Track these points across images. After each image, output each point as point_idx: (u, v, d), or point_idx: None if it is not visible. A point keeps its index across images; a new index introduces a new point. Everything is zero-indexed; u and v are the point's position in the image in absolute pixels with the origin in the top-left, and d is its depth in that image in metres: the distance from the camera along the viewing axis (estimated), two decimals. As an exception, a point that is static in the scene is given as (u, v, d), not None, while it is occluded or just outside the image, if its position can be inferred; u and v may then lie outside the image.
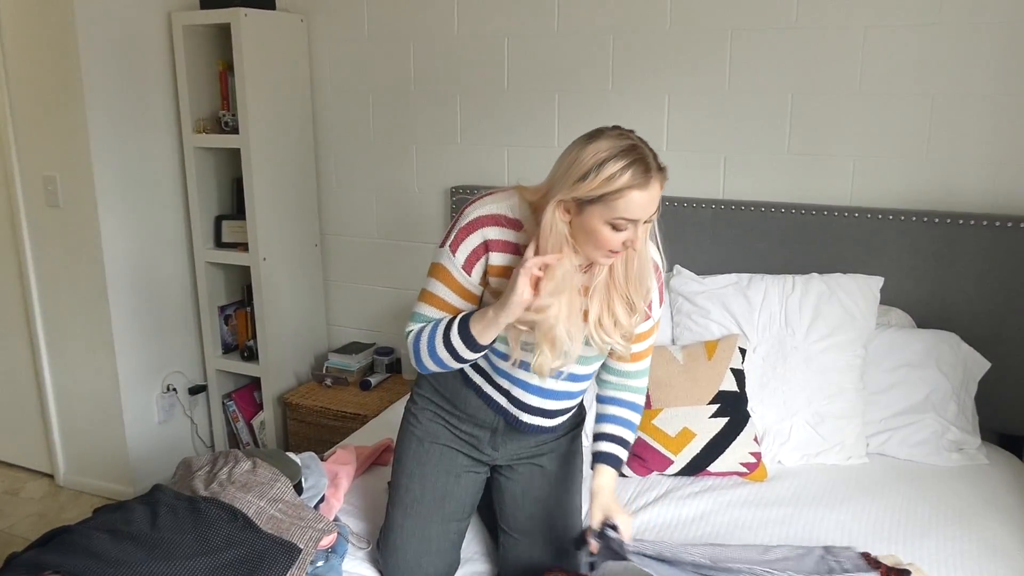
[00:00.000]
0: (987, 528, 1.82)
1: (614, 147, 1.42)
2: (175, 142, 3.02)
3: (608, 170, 1.40)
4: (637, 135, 1.48)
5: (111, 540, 1.52)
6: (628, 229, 1.45)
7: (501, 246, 1.57)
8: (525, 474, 1.81)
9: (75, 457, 3.13)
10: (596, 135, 1.46)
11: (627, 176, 1.40)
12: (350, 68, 3.07)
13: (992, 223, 2.22)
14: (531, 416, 1.74)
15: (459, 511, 1.79)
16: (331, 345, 3.39)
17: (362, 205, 3.19)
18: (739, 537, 1.82)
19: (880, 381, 2.21)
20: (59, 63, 2.69)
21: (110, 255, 2.84)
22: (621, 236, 1.46)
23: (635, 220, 1.44)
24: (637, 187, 1.41)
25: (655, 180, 1.43)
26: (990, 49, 2.23)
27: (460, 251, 1.58)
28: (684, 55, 2.55)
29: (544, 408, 1.73)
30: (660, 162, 1.45)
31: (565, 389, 1.73)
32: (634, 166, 1.40)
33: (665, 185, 1.47)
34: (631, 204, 1.42)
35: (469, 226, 1.58)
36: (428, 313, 1.64)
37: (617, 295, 1.57)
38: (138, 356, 2.99)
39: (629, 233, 1.45)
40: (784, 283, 2.29)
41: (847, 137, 2.42)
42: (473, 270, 1.59)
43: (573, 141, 1.48)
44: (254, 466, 1.82)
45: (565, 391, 1.73)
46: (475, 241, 1.57)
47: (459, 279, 1.60)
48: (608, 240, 1.46)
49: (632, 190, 1.41)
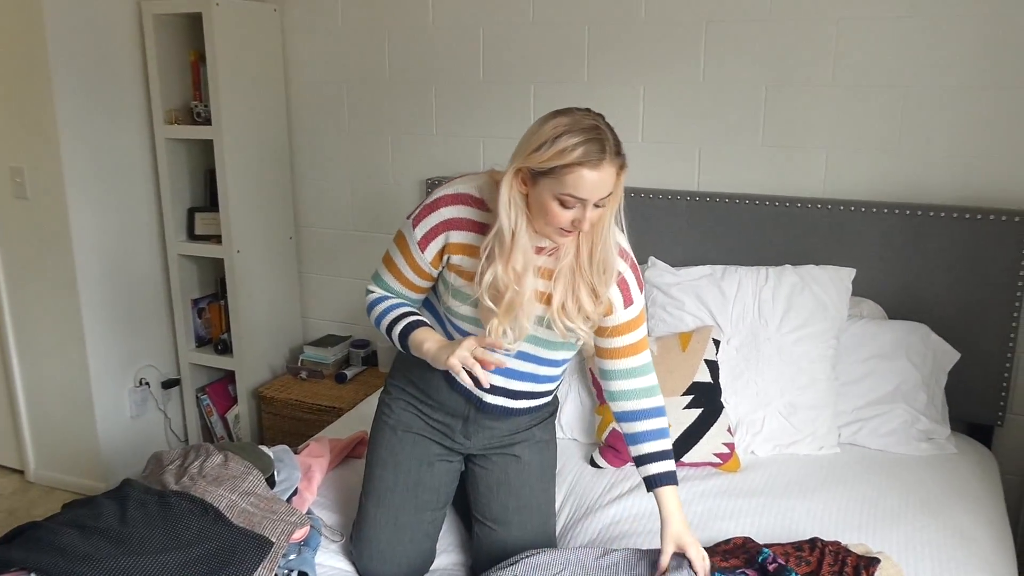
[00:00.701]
0: (956, 516, 1.85)
1: (574, 123, 1.44)
2: (146, 133, 2.98)
3: (562, 143, 1.42)
4: (606, 121, 1.49)
5: (79, 535, 1.50)
6: (576, 208, 1.46)
7: (463, 224, 1.60)
8: (500, 464, 1.81)
9: (45, 452, 3.09)
10: (564, 111, 1.48)
11: (579, 152, 1.41)
12: (324, 58, 3.05)
13: (962, 215, 2.24)
14: (494, 396, 1.73)
15: (433, 500, 1.79)
16: (306, 338, 3.37)
17: (337, 197, 3.17)
18: (713, 527, 1.83)
19: (851, 372, 2.23)
20: (26, 52, 2.65)
21: (80, 248, 2.80)
22: (569, 214, 1.47)
23: (583, 199, 1.45)
24: (587, 165, 1.42)
25: (608, 163, 1.44)
26: (962, 43, 2.25)
27: (419, 227, 1.62)
28: (659, 47, 2.55)
29: (507, 388, 1.73)
30: (620, 149, 1.46)
31: (530, 371, 1.72)
32: (588, 144, 1.42)
33: (625, 176, 1.48)
34: (580, 181, 1.43)
35: (433, 204, 1.62)
36: (387, 280, 1.72)
37: (582, 281, 1.57)
38: (109, 350, 2.96)
39: (577, 213, 1.47)
40: (758, 275, 2.31)
41: (820, 129, 2.43)
42: (428, 248, 1.63)
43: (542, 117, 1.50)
44: (226, 460, 1.81)
45: (530, 373, 1.72)
46: (434, 220, 1.61)
47: (414, 254, 1.65)
48: (557, 216, 1.47)
49: (582, 167, 1.42)
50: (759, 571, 1.54)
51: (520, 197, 1.51)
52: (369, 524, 1.76)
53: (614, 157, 1.45)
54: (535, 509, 1.79)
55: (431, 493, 1.78)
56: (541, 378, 1.75)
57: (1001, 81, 2.23)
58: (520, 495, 1.79)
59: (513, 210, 1.50)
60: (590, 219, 1.48)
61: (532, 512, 1.79)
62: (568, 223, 1.48)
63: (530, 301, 1.57)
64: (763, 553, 1.56)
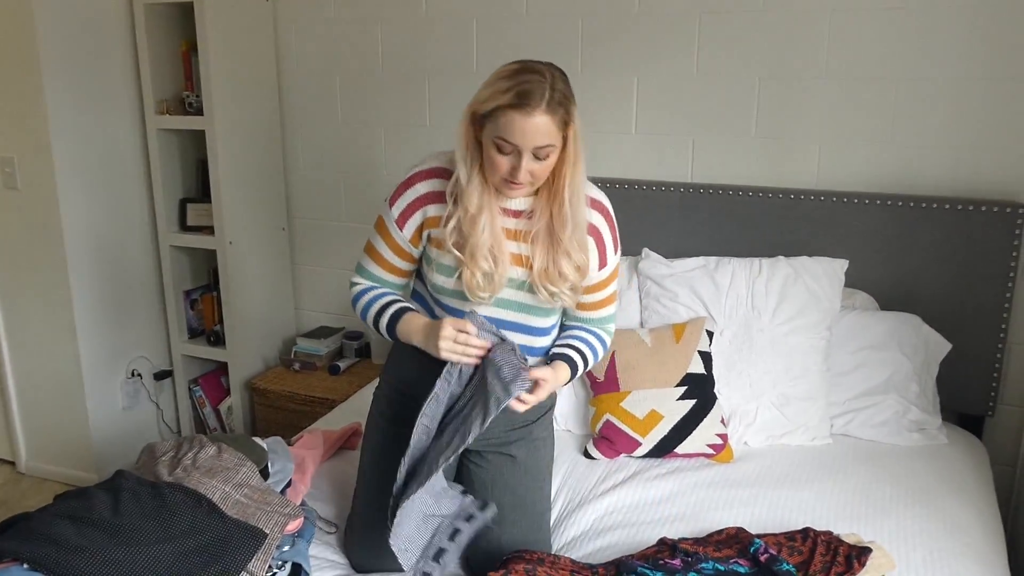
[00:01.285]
0: (947, 506, 1.86)
1: (520, 69, 1.48)
2: (138, 123, 2.97)
3: (497, 86, 1.47)
4: (562, 77, 1.51)
5: (72, 526, 1.49)
6: (512, 156, 1.50)
7: (440, 197, 1.63)
8: (495, 463, 1.79)
9: (37, 444, 3.08)
10: (523, 60, 1.52)
11: (511, 95, 1.45)
12: (317, 49, 3.03)
13: (954, 206, 2.25)
14: None
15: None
16: (299, 329, 3.36)
17: (330, 188, 3.16)
18: (706, 518, 1.84)
19: (844, 363, 2.24)
20: (16, 41, 2.63)
21: (71, 238, 2.79)
22: (506, 161, 1.50)
23: (515, 145, 1.48)
24: (516, 108, 1.45)
25: (541, 112, 1.46)
26: (953, 34, 2.25)
27: (396, 206, 1.67)
28: (652, 38, 2.55)
29: None
30: (564, 104, 1.48)
31: (525, 343, 1.70)
32: (520, 87, 1.45)
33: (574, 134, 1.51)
34: (509, 125, 1.46)
35: (408, 181, 1.66)
36: (371, 269, 1.76)
37: (560, 249, 1.60)
38: (101, 341, 2.95)
39: (514, 160, 1.50)
40: (751, 266, 2.31)
41: (813, 121, 2.44)
42: (406, 225, 1.67)
43: None
44: (219, 451, 1.80)
45: (523, 345, 1.70)
46: (410, 197, 1.65)
47: (393, 234, 1.69)
48: (496, 161, 1.51)
49: (511, 110, 1.45)
50: (751, 561, 1.55)
51: (474, 143, 1.55)
52: (360, 519, 1.76)
53: (551, 108, 1.46)
54: (530, 508, 1.78)
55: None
56: (536, 350, 1.74)
57: (993, 73, 2.23)
58: (515, 494, 1.77)
59: (467, 153, 1.56)
60: (526, 168, 1.50)
61: (527, 511, 1.77)
62: (507, 171, 1.51)
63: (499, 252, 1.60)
64: (755, 543, 1.57)
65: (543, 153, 1.50)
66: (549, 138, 1.49)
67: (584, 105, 2.64)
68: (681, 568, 1.52)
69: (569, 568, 1.57)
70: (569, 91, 1.52)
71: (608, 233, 1.69)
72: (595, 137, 2.69)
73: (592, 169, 2.66)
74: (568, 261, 1.61)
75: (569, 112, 1.50)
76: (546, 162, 1.53)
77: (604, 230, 1.68)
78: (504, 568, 1.53)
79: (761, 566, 1.52)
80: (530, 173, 1.52)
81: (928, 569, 1.63)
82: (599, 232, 1.68)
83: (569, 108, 1.50)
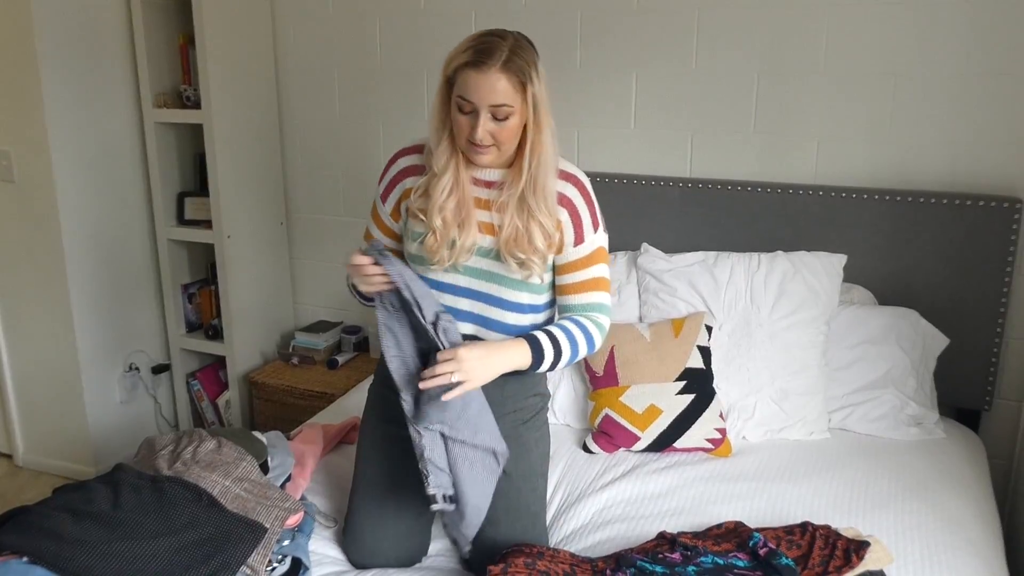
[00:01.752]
0: (944, 500, 1.87)
1: (483, 32, 1.55)
2: (135, 117, 2.96)
3: (458, 47, 1.55)
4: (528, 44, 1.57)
5: (71, 520, 1.49)
6: (471, 115, 1.54)
7: (419, 170, 1.70)
8: None
9: (34, 437, 3.08)
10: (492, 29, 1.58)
11: (467, 54, 1.52)
12: (315, 43, 3.02)
13: (952, 201, 2.26)
14: None
15: (415, 501, 1.74)
16: (297, 324, 3.36)
17: (328, 183, 3.15)
18: (705, 512, 1.85)
19: (842, 357, 2.25)
20: (12, 33, 2.62)
21: (68, 231, 2.78)
22: (467, 120, 1.55)
23: (472, 103, 1.52)
24: (472, 66, 1.51)
25: (496, 70, 1.51)
26: (952, 29, 2.25)
27: (382, 183, 1.76)
28: (652, 34, 2.55)
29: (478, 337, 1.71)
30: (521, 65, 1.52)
31: (496, 317, 1.69)
32: (476, 46, 1.52)
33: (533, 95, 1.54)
34: (466, 82, 1.52)
35: (392, 159, 1.75)
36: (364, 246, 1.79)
37: (530, 215, 1.62)
38: (99, 334, 2.94)
39: (472, 119, 1.54)
40: (750, 261, 2.31)
41: (812, 116, 2.44)
42: (388, 200, 1.75)
43: None
44: (219, 445, 1.80)
45: (496, 320, 1.70)
46: (392, 172, 1.73)
47: (379, 211, 1.78)
48: (459, 122, 1.57)
49: (467, 67, 1.51)
50: (750, 555, 1.55)
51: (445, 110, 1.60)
52: (355, 518, 1.76)
53: (507, 67, 1.51)
54: (524, 510, 1.77)
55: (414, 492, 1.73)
56: (507, 327, 1.71)
57: (991, 68, 2.23)
58: (508, 497, 1.75)
59: (438, 119, 1.62)
60: (484, 127, 1.54)
61: (521, 513, 1.76)
62: (468, 130, 1.56)
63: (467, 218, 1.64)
64: (754, 537, 1.58)
65: (501, 113, 1.54)
66: (505, 97, 1.52)
67: (583, 101, 2.67)
68: (680, 562, 1.53)
69: (569, 561, 1.57)
70: (531, 57, 1.55)
71: (584, 208, 1.68)
72: (594, 133, 2.69)
73: (592, 164, 2.70)
74: (537, 228, 1.63)
75: (527, 74, 1.53)
76: (506, 124, 1.55)
77: (579, 204, 1.68)
78: (504, 562, 1.53)
79: (760, 560, 1.53)
80: (491, 135, 1.56)
81: (925, 563, 1.64)
82: (573, 204, 1.67)
83: (528, 71, 1.53)
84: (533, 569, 1.50)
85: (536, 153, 1.59)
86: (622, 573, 1.49)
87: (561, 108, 2.70)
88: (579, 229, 1.67)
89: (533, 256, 1.64)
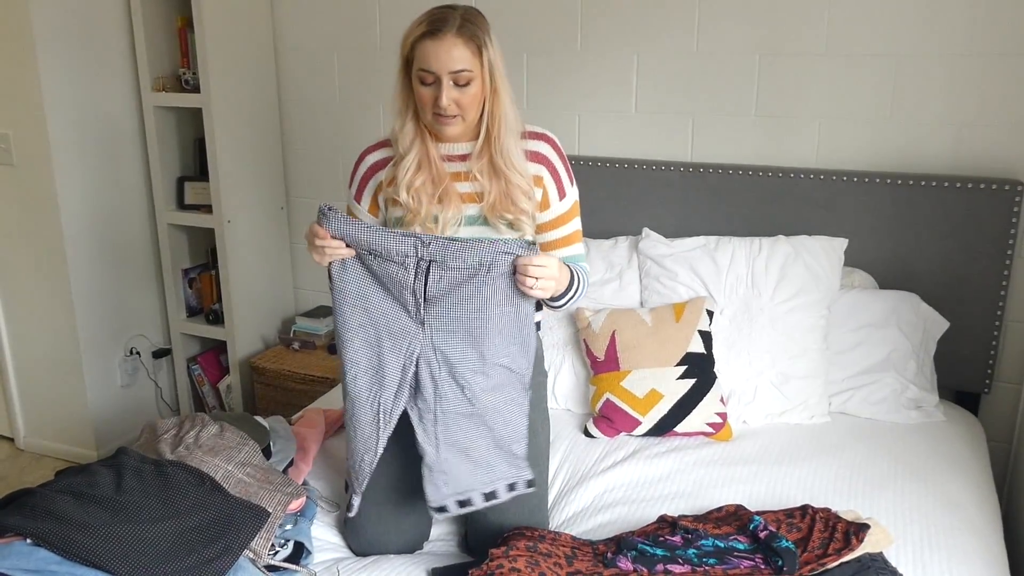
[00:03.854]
0: (943, 483, 1.88)
1: (434, 7, 1.59)
2: (134, 100, 2.95)
3: (411, 25, 1.60)
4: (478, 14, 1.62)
5: (75, 503, 1.50)
6: (434, 86, 1.59)
7: (387, 163, 1.75)
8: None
9: (35, 420, 3.09)
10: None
11: (423, 26, 1.58)
12: (314, 26, 3.00)
13: (953, 184, 2.25)
14: None
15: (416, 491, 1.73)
16: (298, 309, 3.36)
17: (328, 167, 3.14)
18: (706, 495, 1.85)
19: (843, 341, 2.25)
20: (10, 16, 2.60)
21: (67, 215, 2.78)
22: (429, 91, 1.60)
23: (433, 72, 1.57)
24: (428, 36, 1.56)
25: (451, 36, 1.56)
26: (954, 11, 2.24)
27: (353, 183, 1.80)
28: (653, 16, 2.53)
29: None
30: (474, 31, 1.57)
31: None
32: (429, 18, 1.58)
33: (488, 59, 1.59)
34: (425, 53, 1.57)
35: (358, 159, 1.80)
36: None
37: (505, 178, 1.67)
38: (99, 319, 2.94)
39: (435, 90, 1.59)
40: (751, 245, 2.31)
41: (813, 99, 2.43)
42: (362, 197, 1.79)
43: None
44: (221, 430, 1.81)
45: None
46: (362, 171, 1.78)
47: (356, 212, 1.81)
48: (422, 96, 1.61)
49: (425, 38, 1.57)
50: (751, 538, 1.56)
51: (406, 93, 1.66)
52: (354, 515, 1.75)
53: (461, 32, 1.56)
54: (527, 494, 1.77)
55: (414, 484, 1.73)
56: None
57: (993, 49, 2.22)
58: None
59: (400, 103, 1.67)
60: (448, 96, 1.58)
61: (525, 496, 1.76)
62: (431, 102, 1.60)
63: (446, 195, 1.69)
64: (754, 520, 1.58)
65: (462, 79, 1.59)
66: (463, 63, 1.58)
67: (584, 83, 2.65)
68: (681, 545, 1.53)
69: (570, 544, 1.58)
70: (484, 24, 1.62)
71: (559, 162, 1.76)
72: (595, 116, 2.68)
73: (592, 148, 2.69)
74: (515, 189, 1.68)
75: (482, 39, 1.59)
76: (468, 90, 1.60)
77: (554, 159, 1.75)
78: (505, 544, 1.54)
79: (760, 543, 1.54)
80: (455, 103, 1.60)
81: (925, 544, 1.65)
82: (549, 161, 1.75)
83: (482, 36, 1.59)
84: (535, 552, 1.50)
85: (497, 117, 1.65)
86: (623, 556, 1.50)
87: (561, 91, 2.70)
88: (559, 183, 1.76)
89: (521, 216, 1.71)
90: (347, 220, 1.59)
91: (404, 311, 1.61)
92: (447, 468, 1.63)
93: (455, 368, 1.61)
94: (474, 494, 1.65)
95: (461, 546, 1.81)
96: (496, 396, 1.63)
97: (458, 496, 1.64)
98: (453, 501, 1.64)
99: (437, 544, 1.82)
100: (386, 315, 1.61)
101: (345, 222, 1.58)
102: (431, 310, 1.60)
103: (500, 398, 1.64)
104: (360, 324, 1.62)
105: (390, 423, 1.64)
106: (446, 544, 1.82)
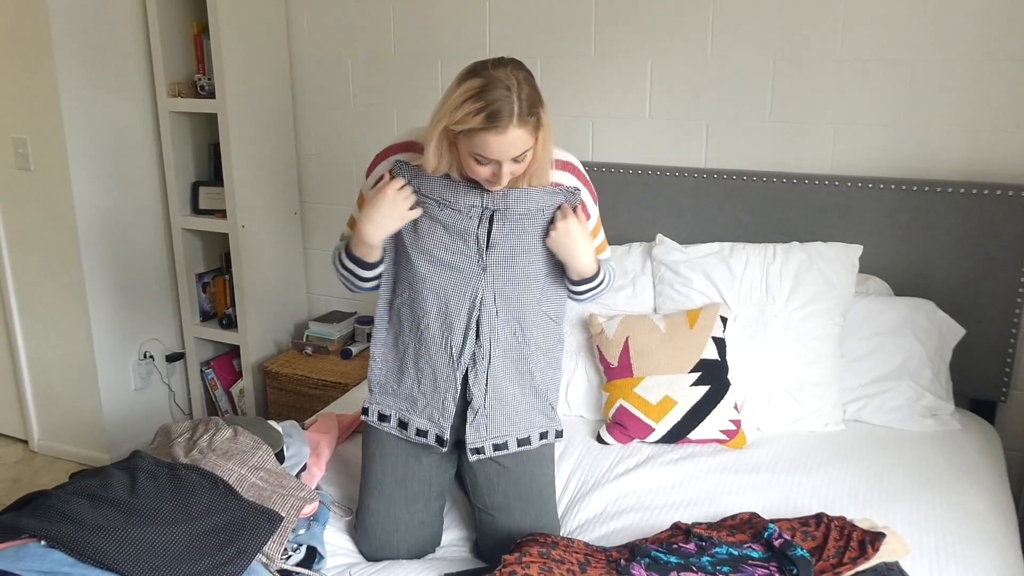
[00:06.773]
0: (959, 492, 1.86)
1: (484, 86, 1.47)
2: (149, 106, 2.97)
3: (467, 108, 1.47)
4: (526, 78, 1.51)
5: (89, 505, 1.50)
6: (492, 164, 1.54)
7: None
8: (498, 457, 1.77)
9: (49, 423, 3.11)
10: (478, 71, 1.50)
11: (480, 118, 1.46)
12: (329, 31, 3.02)
13: (969, 190, 2.24)
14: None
15: (424, 491, 1.77)
16: (311, 313, 3.37)
17: (342, 172, 3.15)
18: (720, 503, 1.84)
19: (857, 348, 2.24)
20: (28, 22, 2.62)
21: (83, 219, 2.80)
22: (486, 170, 1.55)
23: (492, 159, 1.52)
24: (489, 131, 1.47)
25: (515, 127, 1.48)
26: (969, 16, 2.22)
27: (371, 176, 1.75)
28: (667, 21, 2.53)
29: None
30: (533, 110, 1.49)
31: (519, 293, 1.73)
32: (488, 110, 1.46)
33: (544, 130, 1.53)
34: (485, 145, 1.50)
35: (383, 153, 1.74)
36: (347, 233, 1.85)
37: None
38: (113, 323, 2.96)
39: (494, 168, 1.54)
40: (765, 252, 2.30)
41: (828, 105, 2.42)
42: None
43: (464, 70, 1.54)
44: (235, 434, 1.81)
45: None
46: (385, 167, 1.72)
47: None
48: (475, 170, 1.57)
49: (486, 132, 1.48)
50: (765, 546, 1.55)
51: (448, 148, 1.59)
52: (364, 515, 1.77)
53: (522, 120, 1.48)
54: (536, 495, 1.78)
55: (421, 484, 1.77)
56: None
57: (1009, 54, 2.21)
58: (520, 482, 1.76)
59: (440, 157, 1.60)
60: (508, 173, 1.55)
61: (534, 499, 1.77)
62: (488, 177, 1.57)
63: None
64: (769, 528, 1.57)
65: (521, 157, 1.55)
66: (525, 145, 1.53)
67: (598, 89, 2.66)
68: (695, 552, 1.53)
69: (583, 551, 1.57)
70: (536, 93, 1.52)
71: (586, 191, 1.76)
72: (609, 122, 2.68)
73: (606, 154, 2.69)
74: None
75: (539, 116, 1.52)
76: (524, 159, 1.57)
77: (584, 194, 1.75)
78: (518, 551, 1.53)
79: (775, 551, 1.53)
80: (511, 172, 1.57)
81: (941, 554, 1.63)
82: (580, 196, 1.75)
83: (538, 112, 1.52)
84: (548, 558, 1.50)
85: (537, 160, 1.60)
86: (637, 563, 1.50)
87: (575, 97, 2.70)
88: (585, 208, 1.75)
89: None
90: (419, 172, 1.67)
91: (468, 258, 1.68)
92: (490, 412, 1.73)
93: (512, 311, 1.71)
94: (509, 438, 1.76)
95: (473, 552, 1.81)
96: (540, 343, 1.77)
97: (495, 440, 1.75)
98: (490, 444, 1.75)
99: (449, 550, 1.82)
100: (452, 263, 1.69)
101: (417, 174, 1.67)
102: (491, 256, 1.67)
103: (542, 346, 1.78)
104: (428, 273, 1.70)
105: (461, 365, 1.71)
106: (458, 550, 1.82)
